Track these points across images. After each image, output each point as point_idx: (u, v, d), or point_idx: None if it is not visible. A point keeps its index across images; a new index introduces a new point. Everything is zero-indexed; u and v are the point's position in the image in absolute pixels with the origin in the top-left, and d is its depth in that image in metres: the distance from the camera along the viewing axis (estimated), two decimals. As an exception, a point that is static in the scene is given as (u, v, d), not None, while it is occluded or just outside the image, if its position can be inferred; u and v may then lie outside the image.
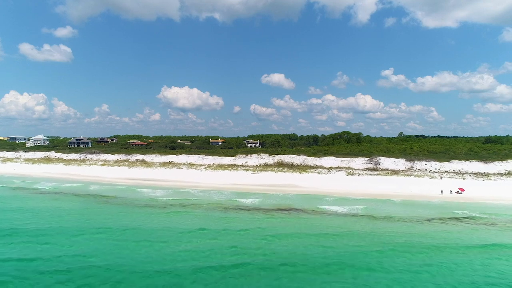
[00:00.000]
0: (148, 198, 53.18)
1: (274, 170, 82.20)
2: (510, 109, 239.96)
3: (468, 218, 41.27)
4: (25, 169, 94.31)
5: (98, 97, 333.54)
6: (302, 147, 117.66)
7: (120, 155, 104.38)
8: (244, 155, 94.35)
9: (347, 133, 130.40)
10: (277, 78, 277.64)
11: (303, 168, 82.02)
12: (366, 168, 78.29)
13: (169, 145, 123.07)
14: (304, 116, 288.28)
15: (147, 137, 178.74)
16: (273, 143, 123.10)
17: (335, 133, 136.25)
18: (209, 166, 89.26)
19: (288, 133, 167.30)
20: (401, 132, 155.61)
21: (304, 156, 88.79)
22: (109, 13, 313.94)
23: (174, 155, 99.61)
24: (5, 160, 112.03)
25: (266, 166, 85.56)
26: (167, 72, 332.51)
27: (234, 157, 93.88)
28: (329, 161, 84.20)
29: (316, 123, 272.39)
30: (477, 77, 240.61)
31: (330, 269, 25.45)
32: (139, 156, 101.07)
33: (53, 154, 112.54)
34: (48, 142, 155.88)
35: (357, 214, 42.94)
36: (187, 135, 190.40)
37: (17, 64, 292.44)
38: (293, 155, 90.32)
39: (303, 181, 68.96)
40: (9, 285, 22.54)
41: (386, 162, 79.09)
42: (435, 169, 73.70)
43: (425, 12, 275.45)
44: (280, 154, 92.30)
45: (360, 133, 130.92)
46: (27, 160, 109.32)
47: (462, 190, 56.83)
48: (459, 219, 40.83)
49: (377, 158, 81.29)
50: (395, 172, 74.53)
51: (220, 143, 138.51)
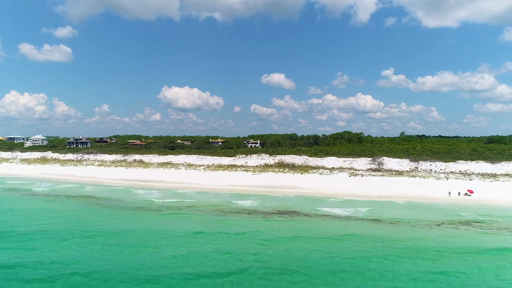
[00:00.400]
0: (144, 200, 51.45)
1: (275, 171, 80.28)
2: (511, 109, 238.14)
3: (480, 222, 39.15)
4: (20, 170, 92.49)
5: (99, 97, 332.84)
6: (303, 147, 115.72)
7: (118, 155, 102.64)
8: (244, 155, 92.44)
9: (348, 133, 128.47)
10: (277, 78, 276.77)
11: (304, 169, 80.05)
12: (369, 169, 76.23)
13: (168, 145, 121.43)
14: (305, 116, 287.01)
15: (147, 137, 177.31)
16: (274, 143, 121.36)
17: (336, 133, 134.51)
18: (208, 167, 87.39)
19: (289, 133, 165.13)
20: (403, 132, 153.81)
21: (305, 157, 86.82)
22: (109, 13, 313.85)
23: (173, 156, 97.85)
24: (1, 161, 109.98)
25: (267, 167, 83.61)
26: (167, 72, 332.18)
27: (234, 157, 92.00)
28: (331, 162, 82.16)
29: (317, 123, 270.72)
30: (478, 77, 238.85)
31: (330, 278, 23.94)
32: (137, 157, 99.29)
33: (50, 155, 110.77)
34: (47, 142, 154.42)
35: (361, 218, 40.98)
36: (187, 135, 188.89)
37: (17, 64, 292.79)
38: (294, 155, 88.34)
39: (305, 182, 67.01)
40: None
41: (390, 163, 77.00)
42: (441, 170, 71.59)
43: (425, 12, 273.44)
44: (281, 154, 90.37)
45: (362, 133, 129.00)
46: (23, 161, 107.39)
47: (471, 192, 54.03)
48: (470, 223, 38.75)
49: (381, 159, 79.16)
50: (399, 173, 72.44)
51: (220, 143, 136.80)
